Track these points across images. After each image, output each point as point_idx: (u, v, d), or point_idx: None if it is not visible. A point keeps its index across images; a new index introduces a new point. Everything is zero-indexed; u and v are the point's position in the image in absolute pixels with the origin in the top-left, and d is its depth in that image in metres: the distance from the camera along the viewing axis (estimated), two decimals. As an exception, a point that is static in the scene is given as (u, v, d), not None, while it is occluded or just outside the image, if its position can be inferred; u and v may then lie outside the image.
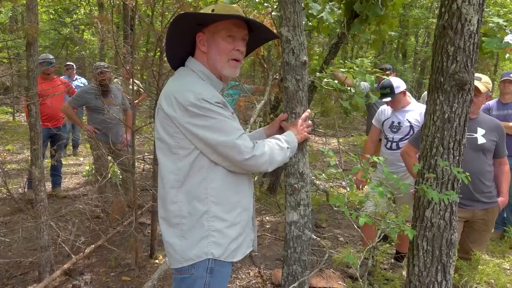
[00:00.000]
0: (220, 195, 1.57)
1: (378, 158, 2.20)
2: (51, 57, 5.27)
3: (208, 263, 1.57)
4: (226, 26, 1.59)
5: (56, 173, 5.52)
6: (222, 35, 1.59)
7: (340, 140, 9.65)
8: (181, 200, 1.55)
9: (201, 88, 1.52)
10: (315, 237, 2.04)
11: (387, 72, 4.48)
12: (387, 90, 3.40)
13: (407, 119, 3.39)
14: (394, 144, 3.42)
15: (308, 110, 1.93)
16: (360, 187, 3.69)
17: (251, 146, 1.54)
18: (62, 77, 7.71)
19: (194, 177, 1.54)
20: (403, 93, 3.43)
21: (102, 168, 4.52)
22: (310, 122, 1.92)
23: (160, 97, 1.60)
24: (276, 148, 1.63)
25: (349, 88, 2.81)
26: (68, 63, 7.59)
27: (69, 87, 5.81)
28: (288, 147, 1.69)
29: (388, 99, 3.39)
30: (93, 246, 3.68)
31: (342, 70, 2.81)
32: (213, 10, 1.57)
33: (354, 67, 2.73)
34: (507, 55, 3.70)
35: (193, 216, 1.55)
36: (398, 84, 3.40)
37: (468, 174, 2.02)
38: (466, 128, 2.05)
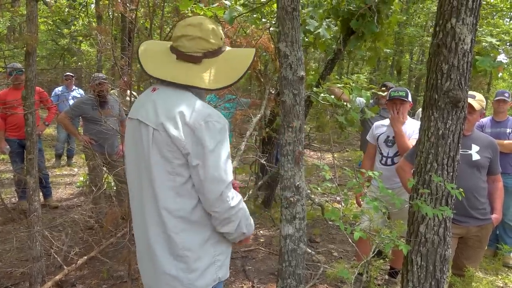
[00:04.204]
0: None
1: (373, 173, 2.22)
2: (19, 65, 5.06)
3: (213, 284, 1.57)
4: None
5: (44, 184, 5.31)
6: None
7: (335, 155, 9.67)
8: (184, 229, 1.49)
9: (211, 110, 1.48)
10: (310, 250, 2.04)
11: (382, 88, 4.54)
12: (402, 93, 3.44)
13: None
14: (389, 160, 3.44)
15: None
16: (361, 205, 3.69)
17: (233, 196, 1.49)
18: (60, 87, 7.74)
19: (195, 204, 1.49)
20: (410, 105, 3.49)
21: (97, 179, 4.50)
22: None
23: (153, 117, 1.48)
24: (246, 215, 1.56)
25: (345, 103, 2.84)
26: (67, 73, 7.59)
27: (44, 97, 5.35)
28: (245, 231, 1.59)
29: (402, 93, 3.42)
30: (85, 257, 3.64)
31: (339, 85, 2.85)
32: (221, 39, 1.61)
33: (351, 83, 2.77)
34: (500, 74, 3.75)
35: (198, 244, 1.50)
36: (410, 96, 3.49)
37: (462, 190, 2.04)
38: (460, 144, 2.08)
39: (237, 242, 1.64)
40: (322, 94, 2.48)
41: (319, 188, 2.23)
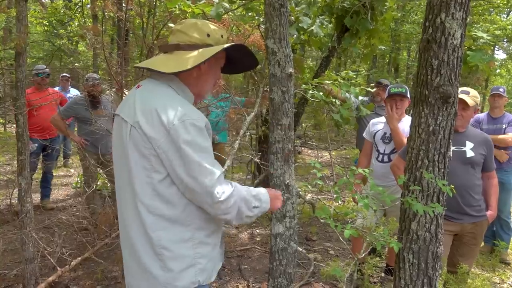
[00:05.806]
0: (202, 219, 1.50)
1: (364, 171, 2.20)
2: (46, 68, 5.37)
3: None
4: (224, 55, 1.65)
5: (46, 184, 5.52)
6: (221, 63, 1.66)
7: (332, 153, 9.65)
8: (162, 227, 1.45)
9: (189, 109, 1.45)
10: (300, 249, 2.02)
11: (371, 84, 4.52)
12: (402, 90, 3.42)
13: None
14: (385, 157, 3.42)
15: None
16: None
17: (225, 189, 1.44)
18: (56, 88, 7.73)
19: (174, 203, 1.45)
20: (408, 102, 3.47)
21: (91, 179, 4.49)
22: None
23: (132, 113, 1.47)
24: (247, 202, 1.52)
25: (334, 100, 2.82)
26: (64, 74, 7.63)
27: (62, 98, 5.84)
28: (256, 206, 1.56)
29: (402, 90, 3.41)
30: (79, 258, 3.62)
31: (327, 81, 2.82)
32: (222, 36, 1.60)
33: (339, 79, 2.75)
34: (497, 70, 3.73)
35: (177, 245, 1.47)
36: (409, 93, 3.48)
37: (453, 186, 2.02)
38: (451, 140, 2.06)
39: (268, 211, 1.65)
40: (310, 91, 2.45)
41: (309, 186, 2.21)
